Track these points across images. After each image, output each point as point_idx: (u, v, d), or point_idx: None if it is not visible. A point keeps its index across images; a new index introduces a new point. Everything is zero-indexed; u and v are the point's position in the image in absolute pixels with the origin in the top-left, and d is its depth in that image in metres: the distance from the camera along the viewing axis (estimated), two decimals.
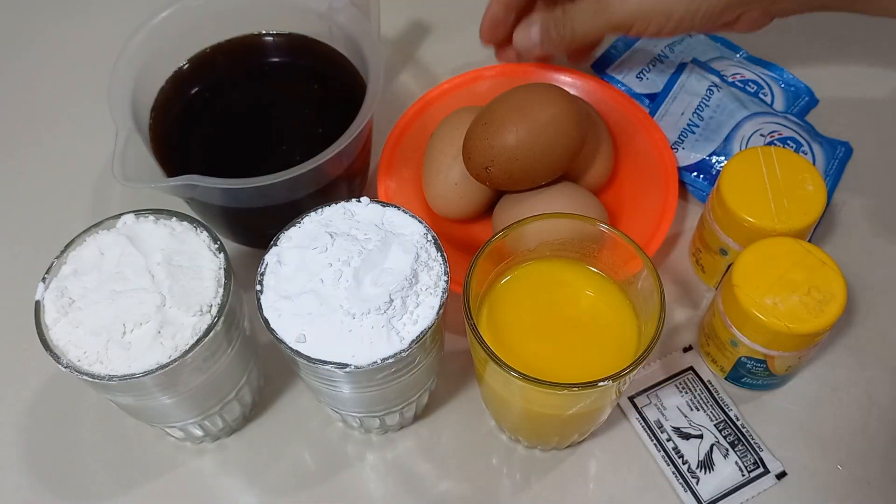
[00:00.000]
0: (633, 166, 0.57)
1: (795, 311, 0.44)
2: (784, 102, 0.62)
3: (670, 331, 0.53)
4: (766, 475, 0.48)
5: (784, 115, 0.59)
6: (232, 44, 0.57)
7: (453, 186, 0.54)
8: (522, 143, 0.49)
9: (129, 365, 0.40)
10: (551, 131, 0.49)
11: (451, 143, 0.53)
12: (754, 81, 0.62)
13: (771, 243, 0.46)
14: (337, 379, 0.41)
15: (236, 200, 0.49)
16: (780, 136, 0.57)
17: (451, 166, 0.53)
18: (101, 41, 0.61)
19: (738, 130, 0.58)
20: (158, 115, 0.54)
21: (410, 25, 0.69)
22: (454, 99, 0.59)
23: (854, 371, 0.51)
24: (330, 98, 0.56)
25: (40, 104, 0.67)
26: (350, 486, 0.49)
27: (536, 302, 0.45)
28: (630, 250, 0.43)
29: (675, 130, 0.59)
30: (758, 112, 0.59)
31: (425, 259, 0.41)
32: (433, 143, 0.55)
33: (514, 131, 0.49)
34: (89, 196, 0.61)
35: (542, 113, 0.49)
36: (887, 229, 0.57)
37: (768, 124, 0.58)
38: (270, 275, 0.42)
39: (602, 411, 0.45)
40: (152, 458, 0.50)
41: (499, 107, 0.51)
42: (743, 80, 0.62)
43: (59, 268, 0.43)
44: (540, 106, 0.50)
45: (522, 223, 0.44)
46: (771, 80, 0.63)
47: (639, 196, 0.55)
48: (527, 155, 0.49)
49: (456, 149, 0.53)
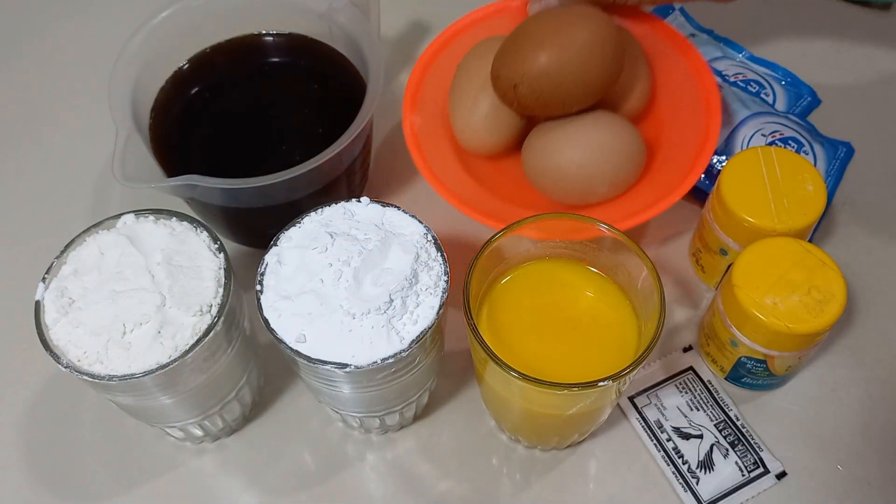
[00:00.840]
0: (672, 92, 0.54)
1: (795, 311, 0.44)
2: (786, 102, 0.62)
3: (670, 331, 0.53)
4: (766, 475, 0.48)
5: (785, 115, 0.59)
6: (232, 44, 0.57)
7: (482, 118, 0.51)
8: (555, 63, 0.46)
9: (129, 365, 0.40)
10: (587, 54, 0.47)
11: (478, 72, 0.51)
12: (756, 81, 0.62)
13: (771, 243, 0.46)
14: (337, 379, 0.41)
15: (236, 200, 0.49)
16: (781, 136, 0.57)
17: (479, 96, 0.51)
18: (101, 41, 0.61)
19: (739, 130, 0.58)
20: (158, 115, 0.54)
21: (410, 25, 0.69)
22: (482, 30, 0.56)
23: (854, 371, 0.51)
24: (330, 98, 0.56)
25: (40, 104, 0.67)
26: (350, 486, 0.49)
27: (536, 302, 0.45)
28: (631, 251, 0.43)
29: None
30: (759, 112, 0.59)
31: (425, 259, 0.41)
32: (460, 73, 0.52)
33: (546, 50, 0.46)
34: (89, 196, 0.61)
35: (578, 34, 0.47)
36: (887, 229, 0.57)
37: (770, 124, 0.58)
38: (270, 275, 0.42)
39: (602, 411, 0.45)
40: (152, 459, 0.50)
41: (532, 26, 0.48)
42: (745, 80, 0.62)
43: (59, 268, 0.43)
44: (576, 28, 0.47)
45: (522, 223, 0.44)
46: (773, 79, 0.63)
47: (679, 123, 0.53)
48: (559, 74, 0.47)
49: (484, 78, 0.50)
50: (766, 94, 0.62)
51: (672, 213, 0.58)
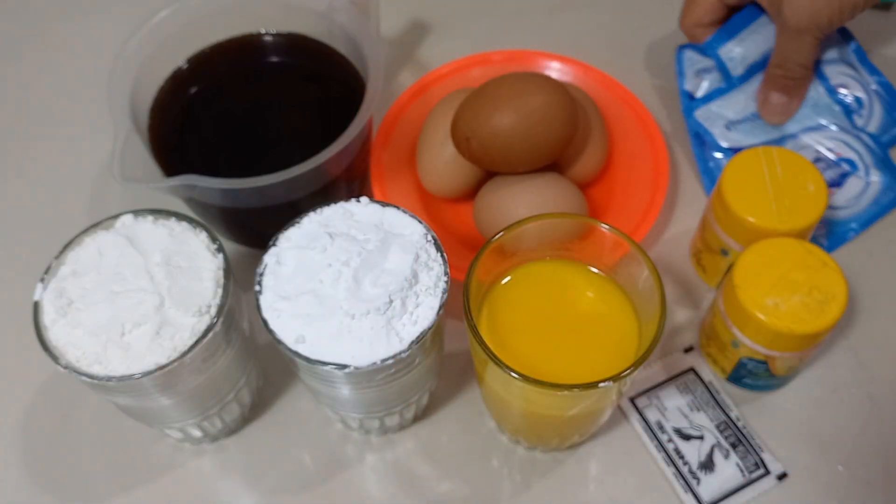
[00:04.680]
0: (627, 163, 0.57)
1: (796, 312, 0.44)
2: (879, 125, 0.58)
3: (671, 331, 0.53)
4: (767, 476, 0.47)
5: (859, 133, 0.57)
6: (231, 43, 0.57)
7: (444, 164, 0.54)
8: (505, 125, 0.49)
9: (128, 366, 0.40)
10: (536, 120, 0.50)
11: (445, 122, 0.54)
12: (858, 99, 0.58)
13: (772, 244, 0.46)
14: (336, 380, 0.40)
15: (235, 200, 0.49)
16: (838, 157, 0.56)
17: (443, 143, 0.54)
18: (100, 41, 0.61)
19: (798, 137, 0.57)
20: (157, 115, 0.54)
21: (410, 25, 0.69)
22: (453, 82, 0.60)
23: (855, 371, 0.51)
24: (330, 98, 0.56)
25: (39, 104, 0.67)
26: (349, 487, 0.49)
27: (537, 302, 0.45)
28: (631, 251, 0.43)
29: (742, 110, 0.58)
30: (830, 126, 0.57)
31: (425, 259, 0.41)
32: (430, 119, 0.56)
33: (499, 112, 0.50)
34: (88, 196, 0.61)
35: (531, 101, 0.50)
36: (888, 230, 0.57)
37: (832, 140, 0.57)
38: (269, 275, 0.41)
39: (603, 412, 0.45)
40: (151, 460, 0.50)
41: (493, 87, 0.51)
42: (845, 95, 0.58)
43: (57, 268, 0.43)
44: (530, 95, 0.50)
45: (522, 223, 0.44)
46: (876, 97, 0.58)
47: (628, 193, 0.56)
48: (507, 136, 0.50)
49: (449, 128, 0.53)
50: (859, 115, 0.58)
51: (673, 213, 0.58)
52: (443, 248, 0.42)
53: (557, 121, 0.50)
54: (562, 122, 0.50)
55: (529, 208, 0.50)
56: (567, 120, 0.51)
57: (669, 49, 0.63)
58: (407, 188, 0.56)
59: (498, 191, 0.53)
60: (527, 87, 0.50)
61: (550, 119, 0.50)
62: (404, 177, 0.57)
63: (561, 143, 0.51)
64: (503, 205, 0.52)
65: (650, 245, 0.57)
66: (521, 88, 0.50)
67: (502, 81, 0.51)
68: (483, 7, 0.71)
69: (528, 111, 0.50)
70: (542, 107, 0.50)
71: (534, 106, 0.50)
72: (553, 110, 0.50)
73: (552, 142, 0.51)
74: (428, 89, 0.60)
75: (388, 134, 0.57)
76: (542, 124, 0.50)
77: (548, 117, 0.50)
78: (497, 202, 0.52)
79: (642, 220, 0.53)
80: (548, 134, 0.50)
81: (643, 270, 0.42)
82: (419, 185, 0.56)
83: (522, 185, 0.52)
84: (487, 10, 0.71)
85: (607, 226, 0.43)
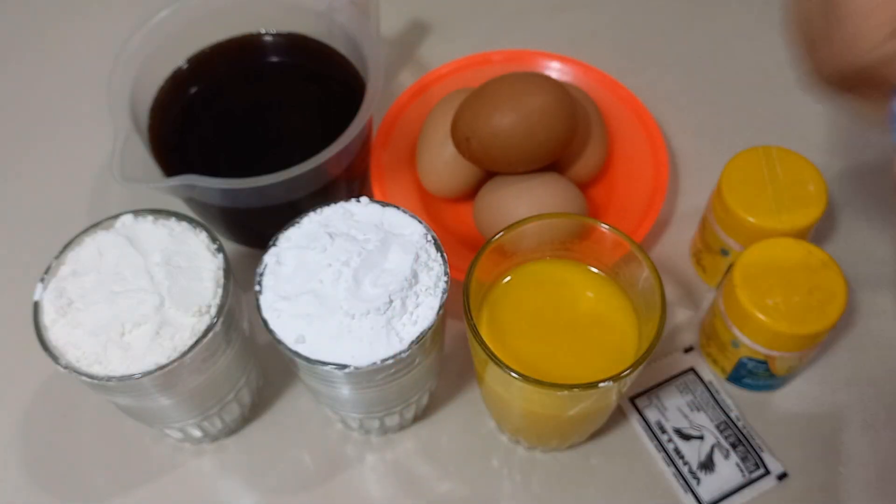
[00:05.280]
0: (627, 163, 0.57)
1: (796, 312, 0.44)
2: None
3: (671, 331, 0.53)
4: (767, 476, 0.47)
5: None
6: (231, 43, 0.57)
7: (444, 164, 0.54)
8: (505, 125, 0.50)
9: (128, 366, 0.40)
10: (536, 120, 0.50)
11: (445, 122, 0.54)
12: None
13: (772, 243, 0.46)
14: (336, 380, 0.40)
15: (235, 200, 0.49)
16: None
17: (443, 143, 0.54)
18: (100, 41, 0.60)
19: None
20: (157, 115, 0.54)
21: (410, 25, 0.69)
22: (453, 82, 0.60)
23: (855, 371, 0.51)
24: (330, 98, 0.56)
25: (39, 104, 0.67)
26: (349, 487, 0.49)
27: (537, 302, 0.45)
28: (631, 251, 0.43)
29: None
30: None
31: (425, 259, 0.41)
32: (428, 121, 0.56)
33: (499, 112, 0.50)
34: (88, 196, 0.61)
35: (531, 101, 0.50)
36: (888, 230, 0.57)
37: None
38: (269, 275, 0.41)
39: (603, 412, 0.45)
40: (151, 459, 0.50)
41: (494, 87, 0.51)
42: None
43: (57, 268, 0.43)
44: (530, 95, 0.50)
45: (522, 223, 0.44)
46: None
47: (629, 191, 0.56)
48: (507, 136, 0.50)
49: (449, 127, 0.53)
50: None
51: (673, 213, 0.58)
52: (443, 248, 0.42)
53: (557, 121, 0.50)
54: (562, 122, 0.50)
55: (529, 208, 0.50)
56: (567, 120, 0.51)
57: (670, 49, 0.63)
58: (407, 188, 0.56)
59: (498, 191, 0.53)
60: (527, 87, 0.51)
61: (550, 119, 0.50)
62: (404, 177, 0.57)
63: (561, 143, 0.51)
64: (503, 205, 0.52)
65: (650, 245, 0.57)
66: (521, 88, 0.50)
67: (502, 81, 0.51)
68: (483, 7, 0.71)
69: (528, 111, 0.50)
70: (542, 107, 0.50)
71: (534, 106, 0.50)
72: (553, 110, 0.50)
73: (552, 142, 0.51)
74: (428, 89, 0.60)
75: (388, 134, 0.58)
76: (542, 124, 0.50)
77: (548, 117, 0.50)
78: (497, 202, 0.52)
79: (642, 220, 0.53)
80: (548, 134, 0.50)
81: (643, 270, 0.42)
82: (419, 185, 0.56)
83: (522, 185, 0.52)
84: (487, 10, 0.71)
85: (607, 226, 0.43)
